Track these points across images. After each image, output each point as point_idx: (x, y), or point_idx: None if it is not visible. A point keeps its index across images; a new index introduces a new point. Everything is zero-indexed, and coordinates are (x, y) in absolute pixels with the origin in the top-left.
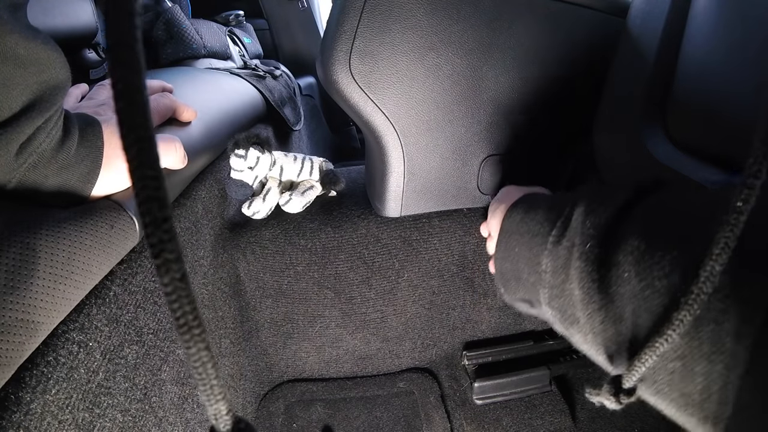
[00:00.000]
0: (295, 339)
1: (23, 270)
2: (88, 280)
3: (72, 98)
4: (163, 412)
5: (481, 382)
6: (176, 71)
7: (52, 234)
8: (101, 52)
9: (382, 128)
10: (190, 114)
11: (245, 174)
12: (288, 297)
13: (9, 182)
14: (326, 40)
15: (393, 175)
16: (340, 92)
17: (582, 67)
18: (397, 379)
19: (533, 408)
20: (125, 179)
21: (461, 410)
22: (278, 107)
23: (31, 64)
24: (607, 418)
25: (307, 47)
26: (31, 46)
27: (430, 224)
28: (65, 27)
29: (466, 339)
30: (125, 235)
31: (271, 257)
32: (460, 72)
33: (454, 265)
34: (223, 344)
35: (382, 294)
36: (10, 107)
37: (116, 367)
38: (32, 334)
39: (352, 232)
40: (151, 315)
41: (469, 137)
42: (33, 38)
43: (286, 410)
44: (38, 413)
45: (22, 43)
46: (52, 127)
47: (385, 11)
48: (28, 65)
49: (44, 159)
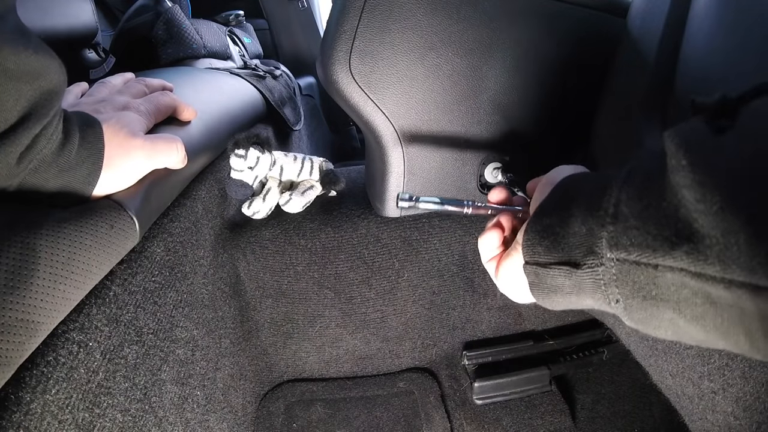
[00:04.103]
0: (295, 339)
1: (23, 270)
2: (88, 280)
3: (72, 96)
4: (163, 412)
5: (481, 382)
6: (176, 71)
7: (52, 234)
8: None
9: (382, 128)
10: (191, 113)
11: (245, 174)
12: (288, 297)
13: (9, 186)
14: (326, 40)
15: (393, 175)
16: (340, 92)
17: (582, 67)
18: (397, 379)
19: (533, 408)
20: (126, 179)
21: (461, 410)
22: (278, 107)
23: (22, 74)
24: (607, 418)
25: (307, 47)
26: (21, 58)
27: (430, 224)
28: (65, 27)
29: (466, 339)
30: (125, 235)
31: (271, 257)
32: (460, 72)
33: (454, 265)
34: (223, 344)
35: (382, 294)
36: (6, 119)
37: (116, 367)
38: (32, 334)
39: (352, 232)
40: (151, 315)
41: (469, 137)
42: (23, 48)
43: (286, 410)
44: (38, 413)
45: (10, 57)
46: (52, 132)
47: (385, 11)
48: (20, 76)
49: (45, 163)
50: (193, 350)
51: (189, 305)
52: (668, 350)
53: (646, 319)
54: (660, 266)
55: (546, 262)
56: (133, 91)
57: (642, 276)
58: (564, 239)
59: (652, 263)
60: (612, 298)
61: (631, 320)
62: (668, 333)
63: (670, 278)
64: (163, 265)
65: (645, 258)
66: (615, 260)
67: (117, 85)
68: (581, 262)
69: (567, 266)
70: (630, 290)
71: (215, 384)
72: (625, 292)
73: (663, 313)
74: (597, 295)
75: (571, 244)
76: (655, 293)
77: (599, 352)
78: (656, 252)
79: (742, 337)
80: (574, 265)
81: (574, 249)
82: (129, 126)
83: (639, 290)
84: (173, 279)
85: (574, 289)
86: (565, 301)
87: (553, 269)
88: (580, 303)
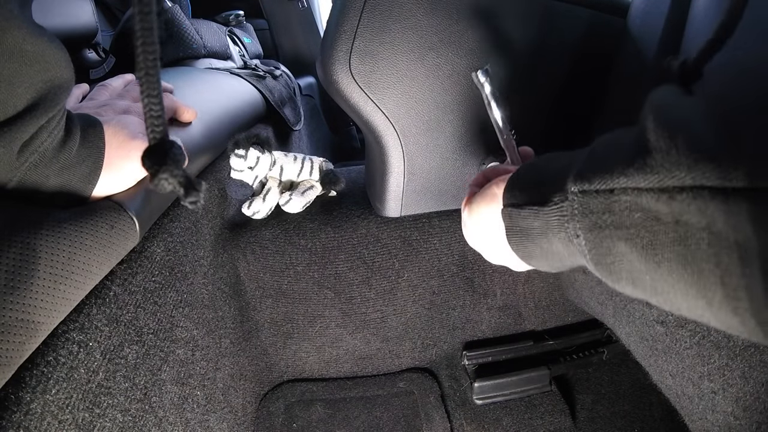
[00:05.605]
0: (295, 339)
1: (23, 270)
2: (88, 280)
3: (73, 98)
4: (163, 412)
5: (481, 382)
6: (176, 71)
7: (53, 234)
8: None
9: (382, 128)
10: (191, 114)
11: (245, 174)
12: (288, 297)
13: (10, 181)
14: (326, 40)
15: (393, 175)
16: (340, 92)
17: (582, 66)
18: (397, 379)
19: (533, 408)
20: (126, 180)
21: (461, 410)
22: (278, 107)
23: (36, 61)
24: (607, 418)
25: (307, 47)
26: (38, 42)
27: (430, 224)
28: (65, 27)
29: (466, 339)
30: (125, 235)
31: (271, 257)
32: (460, 72)
33: (454, 265)
34: (223, 344)
35: (382, 294)
36: (15, 105)
37: (116, 367)
38: (32, 334)
39: (352, 232)
40: (151, 315)
41: (469, 137)
42: (39, 35)
43: (286, 410)
44: (38, 413)
45: (29, 39)
46: (54, 126)
47: (385, 11)
48: (34, 63)
49: (46, 159)
50: (193, 350)
51: (189, 305)
52: (668, 350)
53: (602, 256)
54: (616, 189)
55: (519, 202)
56: (134, 94)
57: (599, 204)
58: (540, 182)
59: (609, 188)
60: (572, 233)
61: (591, 261)
62: (624, 275)
63: (624, 201)
64: (163, 265)
65: (603, 184)
66: (578, 192)
67: (117, 88)
68: (549, 199)
69: (536, 205)
70: (588, 222)
71: (215, 384)
72: (584, 224)
73: (617, 246)
74: (561, 234)
75: (545, 183)
76: (610, 221)
77: (599, 352)
78: (612, 175)
79: (705, 274)
80: (542, 203)
81: (546, 188)
82: (129, 128)
83: (596, 221)
84: (173, 279)
85: (544, 231)
86: (537, 248)
87: (525, 209)
88: (551, 249)
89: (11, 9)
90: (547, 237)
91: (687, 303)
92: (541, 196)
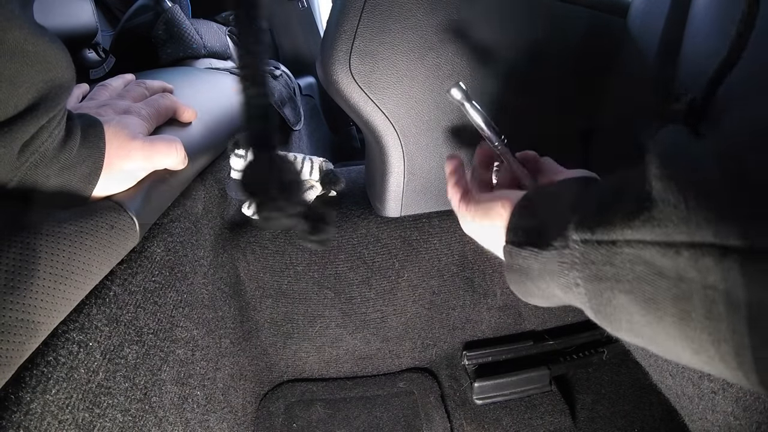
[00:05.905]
0: (295, 339)
1: (23, 270)
2: (88, 280)
3: (73, 98)
4: (163, 412)
5: (481, 382)
6: (176, 71)
7: (53, 234)
8: (101, 52)
9: (382, 128)
10: (190, 114)
11: None
12: (288, 297)
13: (10, 181)
14: (326, 40)
15: (393, 175)
16: (340, 92)
17: (582, 67)
18: (397, 379)
19: (533, 408)
20: (126, 180)
21: (461, 410)
22: (278, 107)
23: (38, 61)
24: (607, 418)
25: (307, 47)
26: (39, 42)
27: (430, 224)
28: (65, 27)
29: (466, 339)
30: (125, 236)
31: (271, 257)
32: (460, 72)
33: (454, 265)
34: (223, 344)
35: (382, 294)
36: (16, 105)
37: (116, 367)
38: (32, 334)
39: (352, 232)
40: (151, 315)
41: (470, 137)
42: (41, 35)
43: (286, 410)
44: (38, 413)
45: (30, 39)
46: (54, 126)
47: (385, 11)
48: (35, 63)
49: (46, 159)
50: (193, 350)
51: (189, 305)
52: None
53: (602, 305)
54: (618, 241)
55: (520, 241)
56: (134, 94)
57: (601, 255)
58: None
59: (611, 239)
60: (572, 281)
61: (591, 310)
62: (624, 326)
63: (626, 254)
64: (163, 265)
65: (606, 235)
66: (579, 242)
67: (117, 88)
68: (550, 243)
69: (536, 247)
70: (588, 273)
71: (215, 384)
72: (584, 275)
73: (617, 298)
74: (561, 280)
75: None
76: (612, 273)
77: (599, 352)
78: (615, 227)
79: (709, 331)
80: (542, 246)
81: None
82: (129, 128)
83: (597, 272)
84: (173, 279)
85: (542, 274)
86: (535, 288)
87: (525, 249)
88: (550, 292)
89: (12, 9)
90: (545, 280)
91: (688, 356)
92: (542, 240)
